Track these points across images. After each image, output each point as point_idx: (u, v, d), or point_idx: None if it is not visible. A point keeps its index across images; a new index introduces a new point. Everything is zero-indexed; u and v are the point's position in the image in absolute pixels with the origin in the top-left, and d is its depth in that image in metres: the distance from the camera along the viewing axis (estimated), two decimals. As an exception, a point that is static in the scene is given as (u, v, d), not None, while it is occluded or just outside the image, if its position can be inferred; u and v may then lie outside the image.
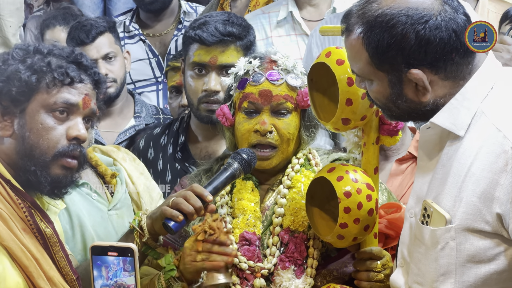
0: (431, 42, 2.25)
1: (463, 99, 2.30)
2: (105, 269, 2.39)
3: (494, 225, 2.23)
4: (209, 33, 3.37)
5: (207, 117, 3.42)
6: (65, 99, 2.49)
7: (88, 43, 4.09)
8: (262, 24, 4.40)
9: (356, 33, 2.32)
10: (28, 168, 2.48)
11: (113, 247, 2.39)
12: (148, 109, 4.29)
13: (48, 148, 2.48)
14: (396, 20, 2.26)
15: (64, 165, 2.51)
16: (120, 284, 2.38)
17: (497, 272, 2.26)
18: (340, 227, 2.63)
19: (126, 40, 4.68)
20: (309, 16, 4.44)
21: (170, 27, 4.74)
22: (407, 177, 3.40)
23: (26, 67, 2.48)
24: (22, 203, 2.47)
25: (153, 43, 4.71)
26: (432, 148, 2.37)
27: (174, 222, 2.62)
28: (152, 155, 3.61)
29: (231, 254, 2.63)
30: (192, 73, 3.45)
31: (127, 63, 4.24)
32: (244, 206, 2.82)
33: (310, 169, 2.87)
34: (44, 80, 2.48)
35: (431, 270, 2.31)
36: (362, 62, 2.33)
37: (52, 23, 4.73)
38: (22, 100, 2.47)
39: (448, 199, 2.28)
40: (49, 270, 2.46)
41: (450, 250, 2.28)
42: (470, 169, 2.25)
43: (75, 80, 2.51)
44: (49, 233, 2.49)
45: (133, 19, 4.76)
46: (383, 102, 2.38)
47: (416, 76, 2.27)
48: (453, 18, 2.27)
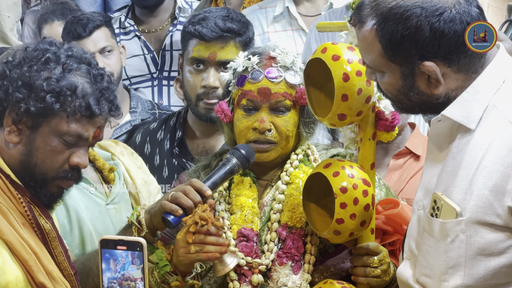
0: (445, 34, 2.26)
1: (475, 92, 2.30)
2: (113, 262, 2.39)
3: (505, 219, 2.23)
4: (209, 29, 3.37)
5: (206, 115, 3.42)
6: (78, 133, 2.47)
7: (85, 36, 4.09)
8: (259, 19, 4.40)
9: (369, 25, 2.32)
10: (27, 182, 2.49)
11: (123, 241, 2.40)
12: (143, 104, 4.29)
13: (50, 169, 2.48)
14: (410, 12, 2.26)
15: (61, 186, 2.53)
16: (128, 277, 2.39)
17: (507, 265, 2.27)
18: (337, 222, 2.64)
19: (122, 36, 4.67)
20: (305, 11, 4.45)
21: (165, 23, 4.73)
22: (405, 172, 3.41)
23: (51, 89, 2.43)
24: (22, 198, 2.47)
25: (148, 39, 4.70)
26: (443, 141, 2.37)
27: (173, 216, 2.62)
28: (149, 150, 3.61)
29: (224, 244, 2.62)
30: (191, 69, 3.45)
31: (122, 58, 4.24)
32: (242, 202, 2.82)
33: (308, 164, 2.88)
34: (65, 108, 2.44)
35: (440, 263, 2.31)
36: (374, 54, 2.33)
37: (50, 17, 4.73)
38: (38, 118, 2.45)
39: (459, 192, 2.28)
40: (48, 264, 2.46)
41: (460, 243, 2.28)
42: (482, 162, 2.25)
43: (94, 115, 2.48)
44: (48, 228, 2.49)
45: (128, 15, 4.74)
46: (394, 94, 2.38)
47: (429, 68, 2.27)
48: (467, 11, 2.28)
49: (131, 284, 2.39)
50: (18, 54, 2.51)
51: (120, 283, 2.39)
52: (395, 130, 2.75)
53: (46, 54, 2.48)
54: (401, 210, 2.77)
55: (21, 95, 2.43)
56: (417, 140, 3.47)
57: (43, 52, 2.49)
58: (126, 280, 2.39)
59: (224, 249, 2.62)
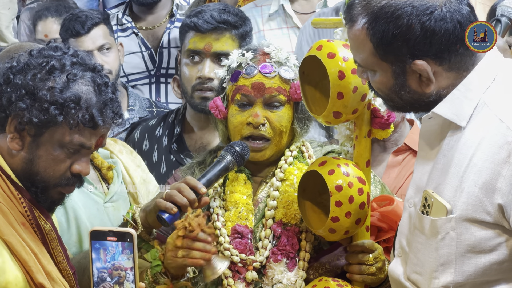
0: (436, 33, 2.26)
1: (465, 90, 2.31)
2: (103, 252, 2.38)
3: (495, 216, 2.24)
4: (204, 20, 3.39)
5: (201, 105, 3.42)
6: (81, 142, 2.46)
7: (83, 34, 4.09)
8: (254, 17, 4.40)
9: (360, 24, 2.32)
10: (28, 187, 2.48)
11: (112, 232, 2.39)
12: (141, 102, 4.29)
13: (52, 177, 2.47)
14: (401, 11, 2.26)
15: (62, 192, 2.53)
16: (118, 267, 2.38)
17: (497, 262, 2.27)
18: (332, 220, 2.64)
19: (119, 33, 4.67)
20: (300, 8, 4.45)
21: (163, 20, 4.73)
22: (404, 169, 3.41)
23: (55, 100, 2.41)
24: (22, 198, 2.47)
25: (146, 36, 4.70)
26: (434, 138, 2.38)
27: (168, 214, 2.62)
28: (147, 147, 3.62)
29: (210, 251, 2.61)
30: (187, 61, 3.46)
31: (120, 56, 4.24)
32: (237, 199, 2.82)
33: (303, 161, 2.88)
34: (68, 120, 2.42)
35: (431, 260, 2.32)
36: (366, 53, 2.34)
37: (45, 14, 4.73)
38: (41, 128, 2.43)
39: (449, 189, 2.28)
40: (47, 265, 2.46)
41: (451, 240, 2.28)
42: (472, 159, 2.26)
43: (98, 126, 2.46)
44: (48, 229, 2.49)
45: (126, 12, 4.74)
46: (385, 93, 2.38)
47: (421, 67, 2.28)
48: (457, 9, 2.28)
49: (121, 274, 2.38)
50: (22, 58, 2.49)
51: (110, 273, 2.39)
52: (390, 128, 2.75)
53: (51, 62, 2.46)
54: (396, 207, 2.77)
55: (24, 105, 2.41)
56: (416, 137, 3.45)
57: (47, 59, 2.46)
58: (116, 270, 2.38)
59: (208, 256, 2.61)
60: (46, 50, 2.50)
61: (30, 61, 2.47)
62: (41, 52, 2.49)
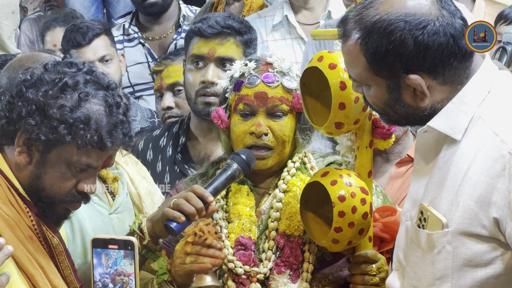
0: (429, 47, 2.25)
1: (460, 103, 2.30)
2: (104, 257, 2.39)
3: (491, 230, 2.23)
4: (209, 25, 3.40)
5: (204, 111, 3.43)
6: (88, 163, 2.46)
7: (84, 45, 4.11)
8: (258, 28, 4.41)
9: (353, 39, 2.31)
10: (34, 202, 2.48)
11: (114, 240, 2.40)
12: (143, 113, 4.30)
13: (58, 194, 2.47)
14: (394, 26, 2.25)
15: (68, 208, 2.53)
16: (121, 272, 2.38)
17: (493, 276, 2.26)
18: (335, 231, 2.63)
19: (125, 43, 4.69)
20: (304, 19, 4.46)
21: (170, 30, 4.74)
22: (407, 180, 3.39)
23: (64, 119, 2.40)
24: (30, 212, 2.46)
25: (152, 46, 4.71)
26: (429, 151, 2.37)
27: (176, 223, 2.61)
28: (151, 157, 3.62)
29: (219, 257, 2.62)
30: (191, 67, 3.47)
31: (122, 67, 4.25)
32: (240, 210, 2.82)
33: (306, 172, 2.87)
34: (76, 140, 2.41)
35: (428, 274, 2.31)
36: (359, 68, 2.33)
37: (53, 24, 4.76)
38: (49, 146, 2.43)
39: (445, 203, 2.28)
40: (54, 278, 2.46)
41: (447, 254, 2.27)
42: (467, 173, 2.25)
43: (106, 147, 2.45)
44: (55, 243, 2.49)
45: (132, 22, 4.76)
46: (380, 107, 2.37)
47: (415, 81, 2.27)
48: (450, 23, 2.27)
49: (124, 279, 2.39)
50: (36, 71, 2.48)
51: (113, 279, 2.39)
52: (392, 138, 2.75)
53: (64, 78, 2.44)
54: (398, 217, 2.75)
55: (33, 121, 2.40)
56: (419, 148, 3.46)
57: (61, 76, 2.45)
58: (119, 275, 2.39)
59: (218, 262, 2.62)
60: (60, 66, 2.48)
61: (43, 75, 2.45)
62: (56, 67, 2.48)
